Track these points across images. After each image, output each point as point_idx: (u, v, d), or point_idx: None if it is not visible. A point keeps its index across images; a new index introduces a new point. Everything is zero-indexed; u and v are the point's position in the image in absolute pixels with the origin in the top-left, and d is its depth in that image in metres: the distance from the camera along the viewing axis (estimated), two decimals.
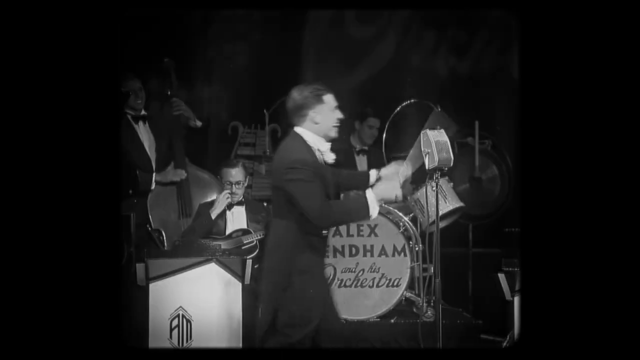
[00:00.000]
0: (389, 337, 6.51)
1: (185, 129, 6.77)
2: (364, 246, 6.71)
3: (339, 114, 4.81)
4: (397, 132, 7.29)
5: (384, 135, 7.11)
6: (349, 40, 8.30)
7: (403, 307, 6.77)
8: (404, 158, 5.10)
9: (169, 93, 6.71)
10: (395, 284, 6.64)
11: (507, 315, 5.54)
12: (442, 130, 5.81)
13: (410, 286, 6.75)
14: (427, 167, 5.07)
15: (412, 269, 6.66)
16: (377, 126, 7.57)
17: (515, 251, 6.16)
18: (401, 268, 6.66)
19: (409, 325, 6.51)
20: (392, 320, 6.63)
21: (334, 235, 6.65)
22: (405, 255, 6.66)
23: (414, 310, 6.74)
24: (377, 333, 6.53)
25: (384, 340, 6.46)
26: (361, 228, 6.70)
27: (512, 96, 8.03)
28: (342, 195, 5.51)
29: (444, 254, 5.61)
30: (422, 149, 5.76)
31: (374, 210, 4.68)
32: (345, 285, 6.65)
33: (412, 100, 7.07)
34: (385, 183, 4.80)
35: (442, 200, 6.69)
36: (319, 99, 4.75)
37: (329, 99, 4.78)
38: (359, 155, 7.61)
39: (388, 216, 6.75)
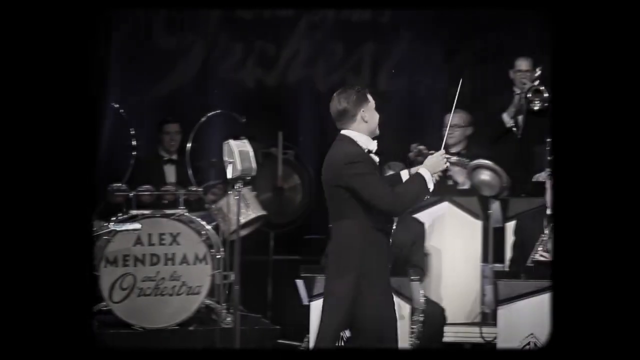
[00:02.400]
0: (187, 344, 6.54)
1: None
2: (165, 255, 6.73)
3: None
4: (203, 140, 7.36)
5: (189, 144, 7.14)
6: (156, 50, 8.30)
7: (202, 315, 6.82)
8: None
9: None
10: (195, 291, 6.70)
11: (304, 319, 5.67)
12: (246, 140, 5.95)
13: (211, 293, 6.80)
14: (229, 177, 5.17)
15: (212, 276, 6.73)
16: (175, 130, 7.50)
17: (314, 258, 6.38)
18: (202, 276, 6.72)
19: (208, 332, 6.57)
20: (191, 328, 6.67)
21: (134, 245, 6.65)
22: (206, 263, 6.73)
23: (213, 317, 6.81)
24: (176, 341, 6.56)
25: (180, 347, 6.48)
26: (163, 237, 6.72)
27: (315, 107, 8.31)
28: None
29: (245, 262, 5.69)
30: (225, 159, 5.88)
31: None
32: (145, 295, 6.65)
33: (219, 111, 7.18)
34: (431, 158, 4.85)
35: (244, 209, 6.79)
36: (365, 98, 4.77)
37: (371, 97, 4.83)
38: (166, 164, 7.59)
39: (190, 225, 6.79)
